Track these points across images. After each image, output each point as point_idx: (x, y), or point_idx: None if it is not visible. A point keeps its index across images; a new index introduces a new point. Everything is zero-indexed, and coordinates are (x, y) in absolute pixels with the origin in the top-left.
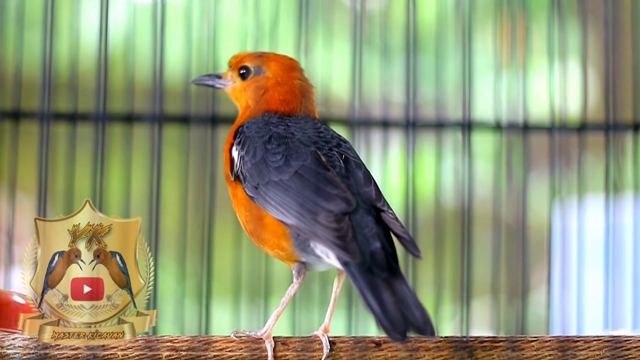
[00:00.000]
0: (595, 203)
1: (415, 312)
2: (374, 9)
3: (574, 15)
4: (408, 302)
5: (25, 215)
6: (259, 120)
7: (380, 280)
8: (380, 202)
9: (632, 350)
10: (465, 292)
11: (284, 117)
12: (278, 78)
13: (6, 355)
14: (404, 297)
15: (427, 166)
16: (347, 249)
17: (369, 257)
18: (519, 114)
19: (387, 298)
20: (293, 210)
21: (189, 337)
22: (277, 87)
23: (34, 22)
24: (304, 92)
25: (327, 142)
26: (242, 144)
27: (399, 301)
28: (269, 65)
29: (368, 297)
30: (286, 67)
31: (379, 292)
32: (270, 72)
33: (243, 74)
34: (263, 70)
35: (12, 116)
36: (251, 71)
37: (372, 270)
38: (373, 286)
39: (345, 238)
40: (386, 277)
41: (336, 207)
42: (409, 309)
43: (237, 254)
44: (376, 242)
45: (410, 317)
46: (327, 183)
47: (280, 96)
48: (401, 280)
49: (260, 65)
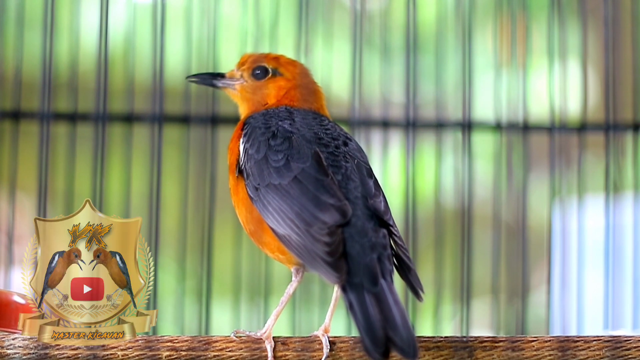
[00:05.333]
0: (595, 203)
1: (401, 332)
2: (374, 9)
3: (574, 15)
4: (395, 321)
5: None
6: (266, 113)
7: (370, 296)
8: (387, 215)
9: (632, 350)
10: (465, 292)
11: (291, 111)
12: (296, 81)
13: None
14: (392, 315)
15: (427, 166)
16: (335, 266)
17: (362, 270)
18: (519, 114)
19: (374, 316)
20: (288, 220)
21: (189, 337)
22: (295, 89)
23: (34, 22)
24: (318, 97)
25: (334, 139)
26: (248, 136)
27: (385, 319)
28: (287, 68)
29: (355, 313)
30: (302, 72)
31: (366, 309)
32: (289, 74)
33: (258, 74)
34: (280, 72)
35: (12, 116)
36: (269, 72)
37: (363, 285)
38: (361, 302)
39: (335, 254)
40: (376, 292)
41: (331, 218)
42: (395, 329)
43: (237, 254)
44: (373, 253)
45: (394, 338)
46: (324, 191)
47: (298, 96)
48: (392, 296)
49: (277, 67)
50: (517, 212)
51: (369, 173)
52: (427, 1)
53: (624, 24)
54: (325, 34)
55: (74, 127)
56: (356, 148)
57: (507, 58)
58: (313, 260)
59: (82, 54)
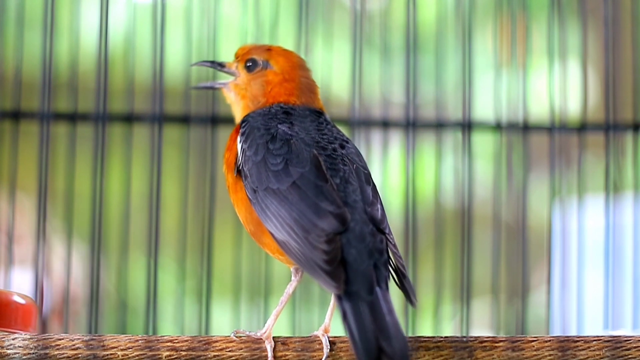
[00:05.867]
0: (595, 203)
1: (394, 343)
2: (374, 9)
3: (574, 15)
4: (389, 331)
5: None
6: (265, 113)
7: (364, 304)
8: (383, 224)
9: (632, 350)
10: (465, 292)
11: (289, 112)
12: (285, 74)
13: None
14: (385, 325)
15: (427, 166)
16: (332, 275)
17: (359, 277)
18: (519, 114)
19: (368, 325)
20: (286, 225)
21: (189, 337)
22: (284, 83)
23: (34, 22)
24: (310, 89)
25: (331, 142)
26: (246, 136)
27: (379, 329)
28: (277, 60)
29: (349, 321)
30: (294, 64)
31: (361, 318)
32: (278, 68)
33: (249, 67)
34: (270, 65)
35: (12, 116)
36: (259, 64)
37: (358, 293)
38: (355, 311)
39: (333, 262)
40: (371, 301)
41: (329, 226)
42: (388, 339)
43: (237, 253)
44: (370, 259)
45: (386, 349)
46: (323, 198)
47: (286, 92)
48: (386, 305)
49: (267, 59)
50: (517, 212)
51: (367, 179)
52: (427, 1)
53: (624, 24)
54: (325, 34)
55: (74, 127)
56: (355, 152)
57: (507, 58)
58: (311, 268)
59: (82, 54)
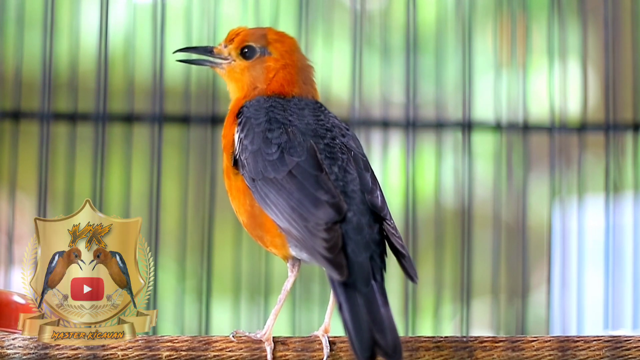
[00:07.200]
0: (595, 203)
1: (388, 336)
2: (374, 9)
3: (574, 15)
4: (383, 324)
5: (25, 215)
6: (260, 103)
7: (360, 296)
8: (384, 211)
9: (632, 350)
10: (465, 292)
11: (286, 101)
12: (286, 60)
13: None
14: (380, 318)
15: (427, 166)
16: (334, 263)
17: (355, 269)
18: (519, 114)
19: (363, 317)
20: (286, 213)
21: (189, 337)
22: (285, 68)
23: (34, 22)
24: (306, 73)
25: (329, 130)
26: (242, 125)
27: (373, 322)
28: (274, 46)
29: (345, 313)
30: (290, 48)
31: (356, 310)
32: (277, 53)
33: (246, 53)
34: (268, 51)
35: (12, 116)
36: (256, 51)
37: (355, 285)
38: (352, 302)
39: (334, 250)
40: (367, 293)
41: (325, 215)
42: (382, 332)
43: (237, 253)
44: (366, 251)
45: (380, 341)
46: (319, 187)
47: (288, 77)
48: (381, 297)
49: (265, 45)
50: (517, 212)
51: (366, 166)
52: (427, 1)
53: (624, 24)
54: (325, 34)
55: (74, 127)
56: (353, 139)
57: (507, 58)
58: (314, 256)
59: (82, 54)
